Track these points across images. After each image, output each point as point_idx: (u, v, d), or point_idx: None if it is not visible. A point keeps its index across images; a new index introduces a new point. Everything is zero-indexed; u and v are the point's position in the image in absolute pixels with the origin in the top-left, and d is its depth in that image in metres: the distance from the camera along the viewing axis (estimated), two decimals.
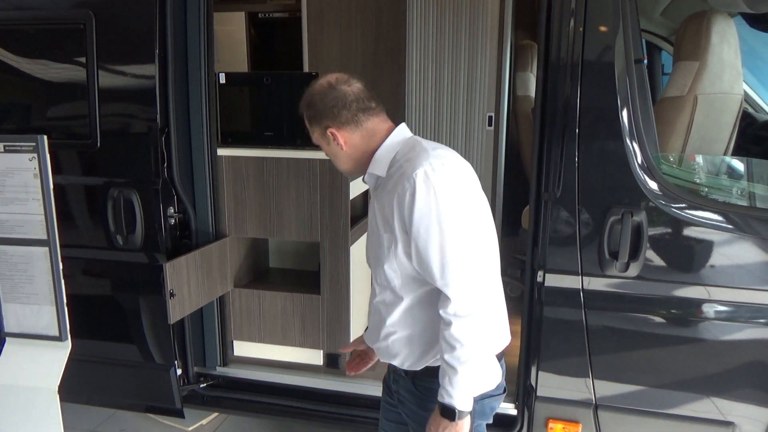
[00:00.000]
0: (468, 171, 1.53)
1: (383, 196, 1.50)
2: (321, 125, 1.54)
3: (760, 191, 2.14)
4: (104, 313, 2.53)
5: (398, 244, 1.46)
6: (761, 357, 1.96)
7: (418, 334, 1.54)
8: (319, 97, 1.54)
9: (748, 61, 2.46)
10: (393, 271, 1.50)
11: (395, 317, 1.55)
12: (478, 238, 1.47)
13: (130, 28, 2.27)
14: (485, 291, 1.46)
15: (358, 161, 1.57)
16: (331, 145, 1.56)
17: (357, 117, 1.53)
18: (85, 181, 2.42)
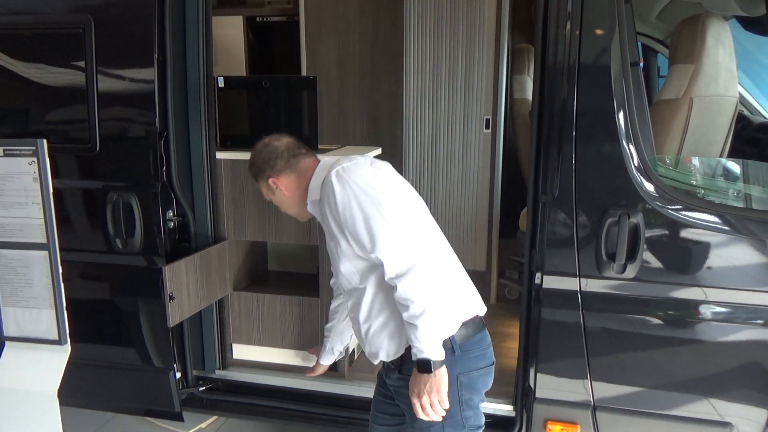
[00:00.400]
0: (382, 165, 1.79)
1: (322, 214, 1.73)
2: (264, 178, 1.84)
3: (756, 193, 2.16)
4: (103, 317, 2.53)
5: (341, 242, 1.68)
6: (758, 358, 1.97)
7: (389, 320, 1.71)
8: (258, 156, 1.86)
9: (743, 63, 2.48)
10: (348, 270, 1.72)
11: (365, 312, 1.73)
12: (401, 209, 1.66)
13: (129, 33, 2.28)
14: (419, 249, 1.62)
15: (301, 200, 1.83)
16: (277, 194, 1.85)
17: (290, 162, 1.82)
18: (85, 185, 2.43)
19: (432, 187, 3.49)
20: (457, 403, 1.68)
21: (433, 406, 1.63)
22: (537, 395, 2.15)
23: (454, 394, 1.67)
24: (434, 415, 1.64)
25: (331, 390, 2.53)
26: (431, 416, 1.64)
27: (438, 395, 1.62)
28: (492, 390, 2.43)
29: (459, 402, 1.69)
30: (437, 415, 1.64)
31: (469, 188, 3.45)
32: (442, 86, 3.40)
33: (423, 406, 1.63)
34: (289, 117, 2.59)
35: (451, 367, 1.65)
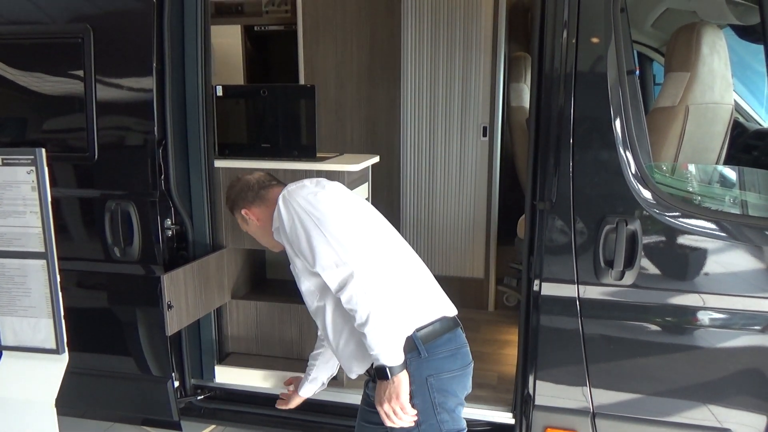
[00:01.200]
0: (329, 184, 1.85)
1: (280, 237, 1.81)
2: (239, 210, 1.94)
3: (752, 199, 2.17)
4: (101, 326, 2.53)
5: (297, 262, 1.76)
6: (756, 364, 1.98)
7: (352, 333, 1.73)
8: (231, 190, 1.98)
9: (738, 71, 2.50)
10: (308, 288, 1.78)
11: (330, 328, 1.78)
12: (340, 222, 1.70)
13: (127, 42, 2.29)
14: (358, 260, 1.65)
15: (269, 229, 1.87)
16: (250, 224, 1.94)
17: (259, 194, 1.91)
18: (83, 194, 2.43)
19: (429, 195, 3.50)
20: (431, 407, 1.67)
21: (396, 413, 1.63)
22: (536, 402, 2.15)
23: (426, 397, 1.66)
24: (400, 422, 1.64)
25: (331, 399, 2.52)
26: (397, 423, 1.64)
27: (398, 402, 1.62)
28: (491, 397, 2.44)
29: (432, 405, 1.67)
30: (403, 421, 1.64)
31: (466, 195, 3.46)
32: (440, 94, 3.42)
33: (386, 413, 1.64)
34: (287, 125, 2.60)
35: (419, 370, 1.66)
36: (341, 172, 2.45)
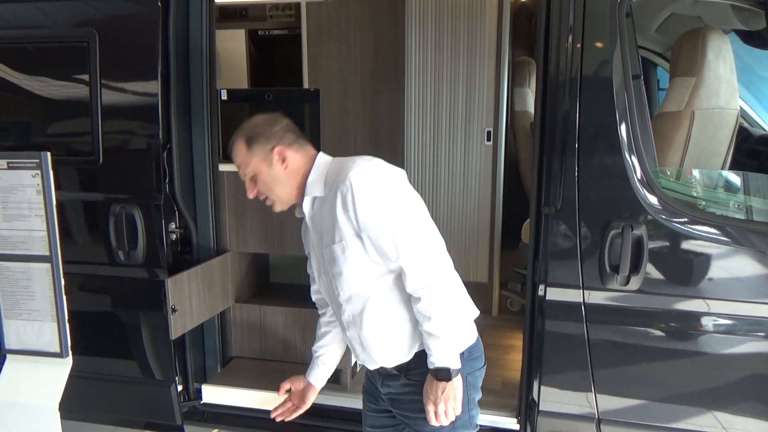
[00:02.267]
0: (396, 170, 1.66)
1: (324, 213, 1.64)
2: (265, 148, 1.67)
3: (758, 204, 2.16)
4: (105, 330, 2.53)
5: (349, 246, 1.59)
6: (762, 370, 1.97)
7: (395, 326, 1.67)
8: (263, 126, 1.71)
9: (744, 76, 2.49)
10: (353, 275, 1.63)
11: (370, 319, 1.67)
12: (423, 217, 1.63)
13: (133, 46, 2.29)
14: (441, 259, 1.62)
15: (293, 188, 1.70)
16: (274, 168, 1.67)
17: (299, 141, 1.71)
18: (88, 197, 2.43)
19: (434, 199, 3.50)
20: (466, 404, 1.71)
21: (447, 413, 1.64)
22: (541, 408, 2.14)
23: (465, 395, 1.69)
24: (445, 420, 1.66)
25: (334, 403, 2.51)
26: (442, 422, 1.66)
27: (454, 402, 1.64)
28: (495, 403, 2.43)
29: (468, 402, 1.71)
30: (447, 420, 1.66)
31: (470, 200, 3.46)
32: (444, 99, 3.42)
33: (438, 413, 1.64)
34: None
35: (463, 369, 1.67)
36: None
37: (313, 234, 1.72)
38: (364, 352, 1.75)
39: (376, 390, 1.86)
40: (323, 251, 1.68)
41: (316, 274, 1.82)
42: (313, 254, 1.80)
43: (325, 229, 1.65)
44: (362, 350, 1.75)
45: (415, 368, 1.70)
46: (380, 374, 1.80)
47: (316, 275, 1.84)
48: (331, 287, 1.72)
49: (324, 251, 1.67)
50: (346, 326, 1.76)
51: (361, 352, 1.76)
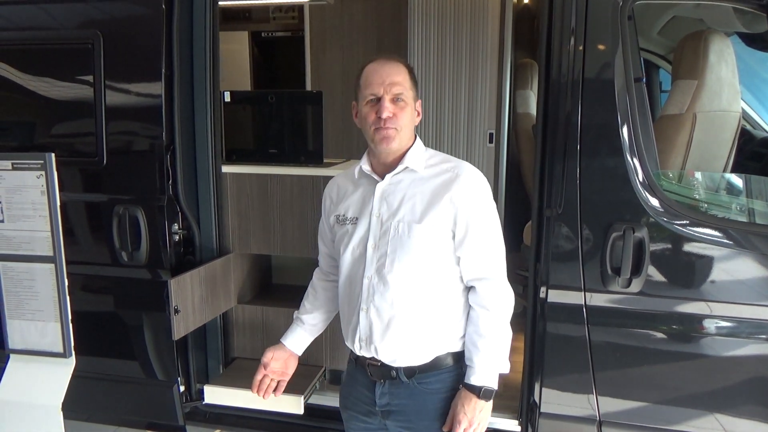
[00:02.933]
0: None
1: (414, 189, 1.59)
2: (416, 91, 1.66)
3: (760, 207, 2.16)
4: (108, 330, 2.53)
5: (435, 231, 1.55)
6: (764, 373, 1.97)
7: (434, 321, 1.60)
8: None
9: (745, 79, 2.49)
10: (424, 260, 1.56)
11: (414, 308, 1.59)
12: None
13: (137, 48, 2.30)
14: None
15: (410, 139, 1.64)
16: (412, 111, 1.63)
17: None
18: (91, 198, 2.44)
19: None
20: None
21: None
22: (542, 410, 2.14)
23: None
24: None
25: (335, 404, 2.50)
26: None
27: (485, 423, 1.61)
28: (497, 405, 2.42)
29: None
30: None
31: None
32: (446, 101, 3.42)
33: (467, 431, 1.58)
34: (294, 131, 2.61)
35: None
36: None
37: (379, 202, 1.62)
38: (382, 341, 1.60)
39: (368, 402, 1.70)
40: (391, 223, 1.59)
41: (356, 243, 1.64)
42: (362, 222, 1.64)
43: (406, 204, 1.58)
44: (381, 337, 1.60)
45: (426, 376, 1.63)
46: (381, 381, 1.66)
47: (353, 243, 1.65)
48: (377, 262, 1.60)
49: (393, 224, 1.58)
50: (368, 306, 1.61)
51: (378, 339, 1.60)
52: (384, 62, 1.61)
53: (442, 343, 1.63)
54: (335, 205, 1.74)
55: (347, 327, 1.69)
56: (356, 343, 1.65)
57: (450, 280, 1.61)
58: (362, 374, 1.70)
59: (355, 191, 1.69)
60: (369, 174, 1.66)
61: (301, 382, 2.48)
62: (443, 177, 1.58)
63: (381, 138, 1.58)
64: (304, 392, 2.40)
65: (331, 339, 2.58)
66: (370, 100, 1.59)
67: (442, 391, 1.64)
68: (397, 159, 1.62)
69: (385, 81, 1.57)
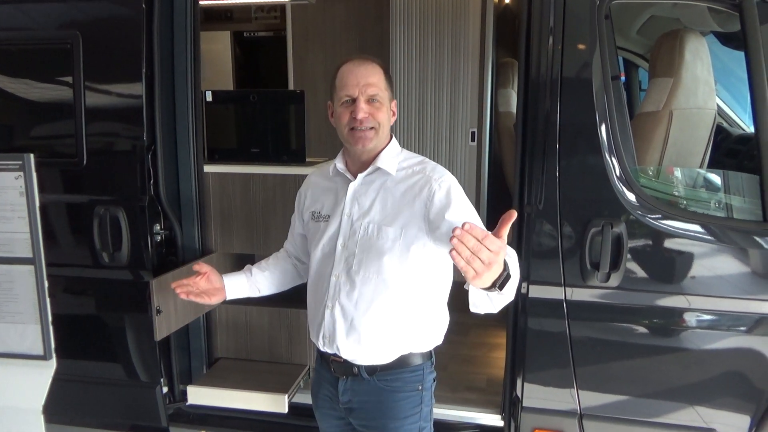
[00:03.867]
0: None
1: (386, 191, 1.59)
2: (391, 92, 1.65)
3: (735, 202, 2.20)
4: (89, 332, 2.51)
5: (407, 235, 1.54)
6: (740, 365, 2.00)
7: (398, 323, 1.60)
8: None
9: (720, 77, 2.54)
10: (392, 262, 1.55)
11: (380, 307, 1.58)
12: None
13: (117, 48, 2.29)
14: None
15: (385, 140, 1.64)
16: (388, 113, 1.62)
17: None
18: (71, 199, 2.42)
19: None
20: (429, 412, 1.70)
21: (482, 260, 1.14)
22: (524, 404, 2.17)
23: (428, 404, 1.69)
24: (478, 264, 1.14)
25: None
26: (474, 265, 1.14)
27: (493, 256, 1.15)
28: (480, 400, 2.46)
29: (431, 411, 1.71)
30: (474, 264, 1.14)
31: None
32: (428, 100, 3.44)
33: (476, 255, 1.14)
34: (276, 130, 2.61)
35: (428, 378, 1.68)
36: None
37: (351, 201, 1.61)
38: (345, 339, 1.60)
39: (333, 398, 1.70)
40: (361, 223, 1.59)
41: (325, 240, 1.64)
42: (333, 220, 1.64)
43: (377, 205, 1.58)
44: (344, 336, 1.60)
45: (388, 373, 1.63)
46: (344, 377, 1.66)
47: (323, 241, 1.65)
48: (345, 261, 1.60)
49: (363, 224, 1.58)
50: (333, 304, 1.61)
51: (341, 337, 1.60)
52: (359, 63, 1.61)
53: (408, 343, 1.63)
54: (311, 202, 1.75)
55: (313, 322, 1.70)
56: (320, 340, 1.66)
57: (419, 283, 1.60)
58: (326, 370, 1.71)
59: (329, 189, 1.71)
60: (343, 173, 1.67)
61: (285, 380, 2.49)
62: (414, 179, 1.58)
63: (356, 139, 1.58)
64: (288, 391, 2.41)
65: None
66: (345, 101, 1.59)
67: (402, 390, 1.63)
68: (372, 158, 1.62)
69: (360, 82, 1.57)
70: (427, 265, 1.59)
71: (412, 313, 1.61)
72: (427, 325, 1.66)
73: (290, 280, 1.93)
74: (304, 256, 1.86)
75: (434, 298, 1.65)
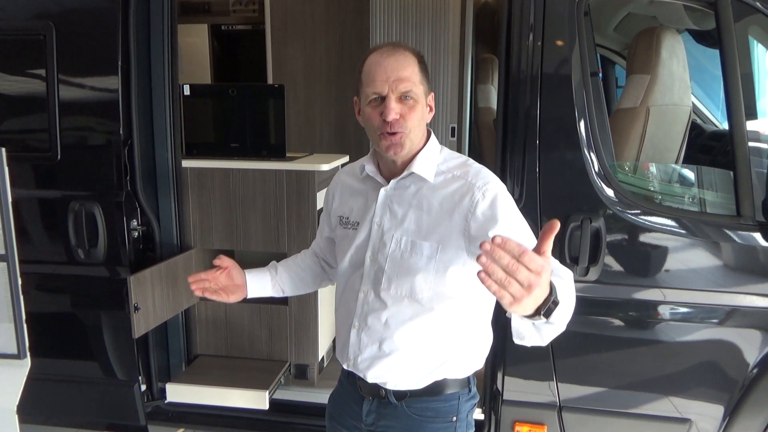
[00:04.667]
0: None
1: (422, 200, 1.39)
2: (427, 84, 1.41)
3: (710, 197, 2.24)
4: (65, 330, 2.47)
5: (445, 252, 1.34)
6: (715, 356, 2.05)
7: (432, 350, 1.42)
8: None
9: (696, 74, 2.58)
10: (427, 282, 1.36)
11: (411, 331, 1.40)
12: None
13: (92, 40, 2.24)
14: None
15: (421, 141, 1.41)
16: (424, 107, 1.39)
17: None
18: (45, 195, 2.37)
19: None
20: None
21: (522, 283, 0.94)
22: (505, 398, 2.19)
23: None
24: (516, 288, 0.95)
25: (300, 398, 2.52)
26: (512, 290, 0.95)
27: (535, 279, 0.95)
28: None
29: None
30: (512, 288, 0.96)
31: None
32: None
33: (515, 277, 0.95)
34: (255, 125, 2.59)
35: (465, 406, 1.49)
36: (311, 171, 2.45)
37: (381, 209, 1.43)
38: (373, 363, 1.43)
39: (354, 417, 1.53)
40: (393, 235, 1.39)
41: (353, 251, 1.47)
42: (362, 229, 1.46)
43: (411, 215, 1.39)
44: (371, 360, 1.43)
45: (420, 399, 1.45)
46: (370, 400, 1.50)
47: (351, 251, 1.47)
48: (373, 277, 1.42)
49: (396, 237, 1.39)
50: (361, 324, 1.44)
51: (368, 361, 1.44)
52: (388, 53, 1.36)
53: (443, 369, 1.44)
54: (339, 205, 1.56)
55: (339, 339, 1.54)
56: (345, 361, 1.50)
57: (459, 304, 1.40)
58: (353, 386, 1.53)
59: (359, 192, 1.51)
60: (373, 176, 1.46)
61: (265, 377, 2.48)
62: (454, 185, 1.36)
63: (387, 146, 1.36)
64: (268, 387, 2.40)
65: (296, 333, 2.58)
66: (373, 98, 1.36)
67: (434, 420, 1.46)
68: (407, 161, 1.41)
69: (390, 77, 1.33)
70: (468, 284, 1.37)
71: (450, 336, 1.43)
72: (466, 349, 1.46)
73: (318, 283, 1.77)
74: (332, 260, 1.70)
75: (475, 319, 1.47)
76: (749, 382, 2.01)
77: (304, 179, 2.44)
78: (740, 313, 2.00)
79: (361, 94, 1.42)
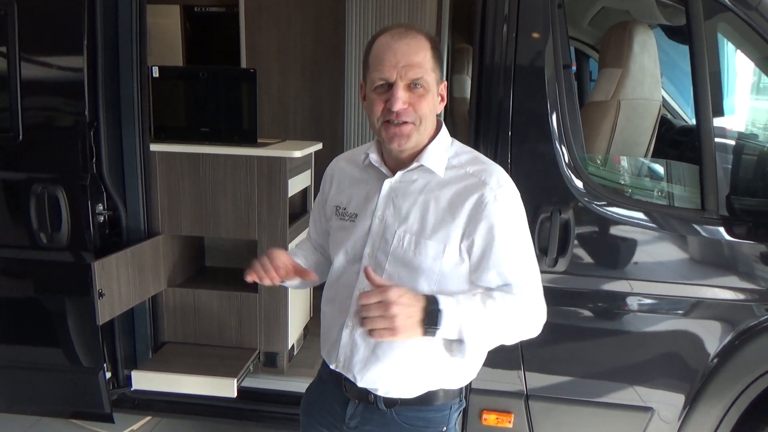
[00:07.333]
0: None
1: (428, 195, 1.31)
2: (440, 72, 1.32)
3: (677, 191, 2.28)
4: (27, 316, 2.41)
5: (449, 253, 1.28)
6: (677, 347, 2.09)
7: (428, 357, 1.33)
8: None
9: (666, 70, 2.62)
10: (431, 283, 1.29)
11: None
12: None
13: (56, 17, 2.17)
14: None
15: (431, 132, 1.33)
16: (435, 99, 1.30)
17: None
18: (6, 176, 2.30)
19: None
20: None
21: (385, 319, 1.10)
22: (473, 386, 2.20)
23: None
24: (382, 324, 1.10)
25: (269, 386, 2.50)
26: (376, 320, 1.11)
27: (398, 316, 1.10)
28: None
29: None
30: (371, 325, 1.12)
31: None
32: None
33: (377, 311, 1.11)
34: (227, 109, 2.55)
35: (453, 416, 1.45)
36: (283, 158, 2.42)
37: (385, 201, 1.34)
38: (365, 367, 1.36)
39: (335, 417, 1.45)
40: (395, 231, 1.31)
41: (350, 244, 1.38)
42: (361, 221, 1.37)
43: (416, 211, 1.31)
44: (364, 364, 1.35)
45: (410, 405, 1.38)
46: (356, 403, 1.42)
47: (348, 244, 1.38)
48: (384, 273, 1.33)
49: (398, 233, 1.31)
50: (355, 325, 1.34)
51: (360, 364, 1.36)
52: (399, 36, 1.26)
53: (438, 379, 1.38)
54: (336, 192, 1.46)
55: (326, 338, 1.44)
56: (333, 361, 1.41)
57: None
58: (336, 386, 1.44)
59: (360, 181, 1.41)
60: (378, 166, 1.37)
61: (234, 364, 2.46)
62: (465, 183, 1.29)
63: (391, 136, 1.27)
64: (237, 375, 2.38)
65: (266, 321, 2.56)
66: (379, 85, 1.26)
67: (422, 429, 1.40)
68: (415, 153, 1.32)
69: (400, 62, 1.23)
70: (468, 286, 1.31)
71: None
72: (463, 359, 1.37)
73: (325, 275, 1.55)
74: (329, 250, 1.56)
75: None
76: (709, 371, 2.05)
77: (275, 166, 2.41)
78: (703, 305, 2.04)
79: (367, 78, 1.31)
